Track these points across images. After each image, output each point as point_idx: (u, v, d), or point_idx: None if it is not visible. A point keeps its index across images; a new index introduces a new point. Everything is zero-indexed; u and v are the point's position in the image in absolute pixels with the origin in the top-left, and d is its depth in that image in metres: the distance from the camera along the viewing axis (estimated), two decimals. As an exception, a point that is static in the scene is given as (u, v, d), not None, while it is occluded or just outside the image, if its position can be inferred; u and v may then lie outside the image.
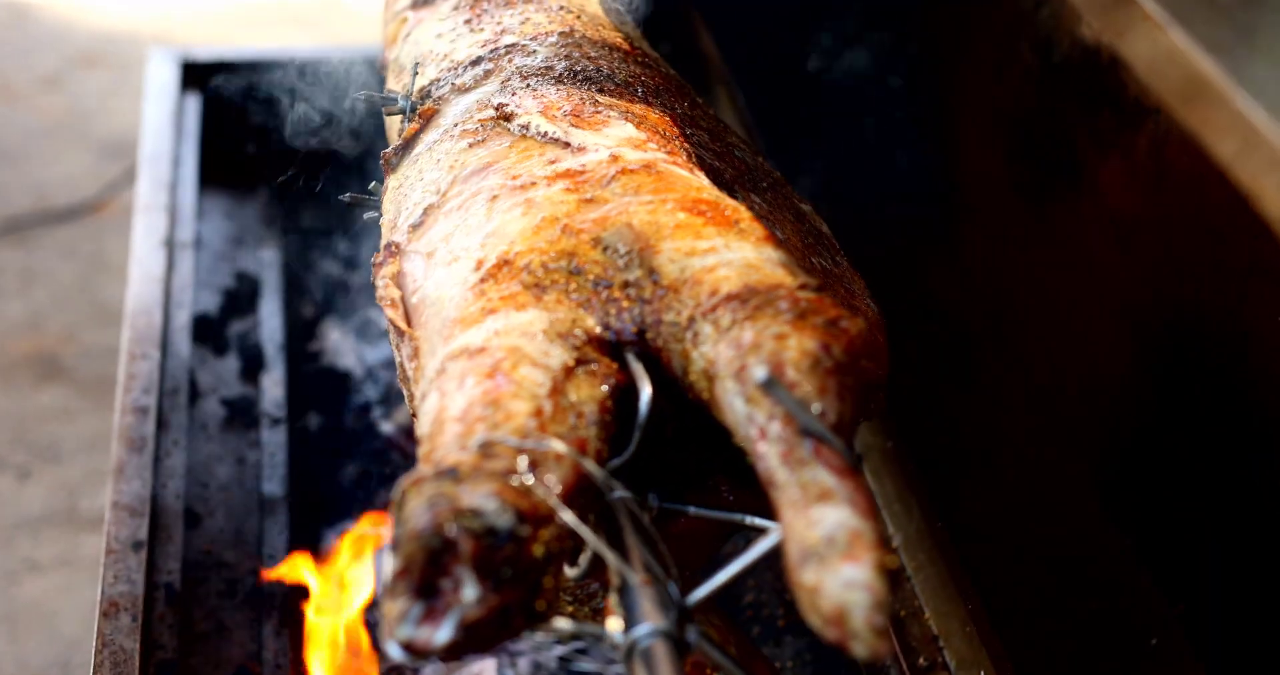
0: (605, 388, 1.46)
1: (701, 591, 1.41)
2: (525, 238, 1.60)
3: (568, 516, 1.35)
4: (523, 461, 1.37)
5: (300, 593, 2.43)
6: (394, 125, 2.11)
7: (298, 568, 2.41)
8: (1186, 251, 2.13)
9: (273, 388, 2.76)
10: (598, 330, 1.52)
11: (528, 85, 1.89)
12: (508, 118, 1.83)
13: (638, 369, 1.51)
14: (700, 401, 1.49)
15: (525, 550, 1.31)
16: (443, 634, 1.28)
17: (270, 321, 2.91)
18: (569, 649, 2.47)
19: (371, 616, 2.44)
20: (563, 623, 1.38)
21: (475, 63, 1.98)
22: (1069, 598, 2.35)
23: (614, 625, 1.37)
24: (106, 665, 2.07)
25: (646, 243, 1.57)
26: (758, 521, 1.52)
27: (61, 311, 4.48)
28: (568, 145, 1.75)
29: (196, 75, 3.32)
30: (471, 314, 1.54)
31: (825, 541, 1.24)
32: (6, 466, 3.94)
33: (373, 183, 2.00)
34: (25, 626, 3.50)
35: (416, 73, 2.04)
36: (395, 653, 1.31)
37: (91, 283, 4.58)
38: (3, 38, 5.80)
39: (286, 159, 3.36)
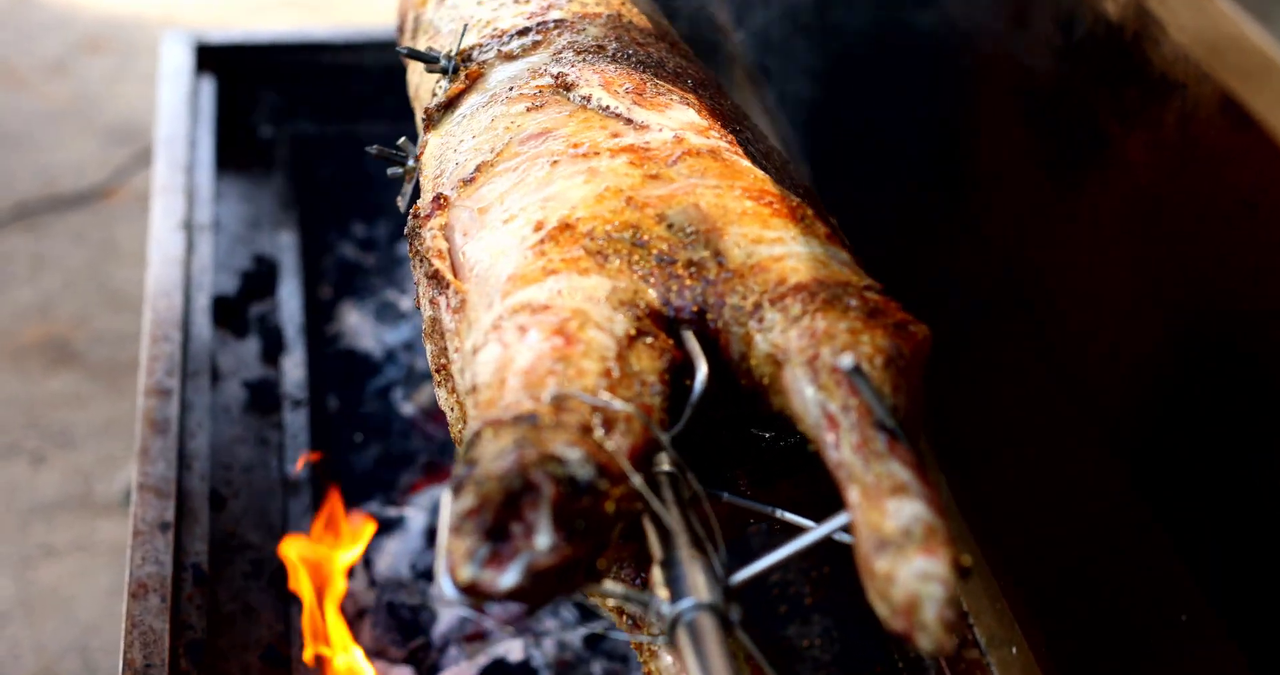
0: (663, 361, 1.46)
1: (747, 572, 1.41)
2: (588, 205, 1.60)
3: (636, 479, 1.35)
4: (597, 419, 1.37)
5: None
6: (424, 84, 2.10)
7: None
8: (1215, 227, 2.12)
9: (293, 370, 2.75)
10: (658, 304, 1.52)
11: (583, 60, 1.89)
12: (568, 87, 1.83)
13: (694, 347, 1.51)
14: (756, 387, 1.49)
15: (600, 505, 1.31)
16: (508, 578, 1.27)
17: (289, 304, 2.90)
18: (593, 628, 2.47)
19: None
20: (613, 586, 1.38)
21: (522, 33, 1.98)
22: (1097, 575, 2.34)
23: (662, 594, 1.37)
24: (136, 646, 2.06)
25: (713, 225, 1.57)
26: (789, 517, 1.54)
27: (72, 297, 4.47)
28: (630, 121, 1.75)
29: (210, 58, 3.31)
30: (532, 272, 1.54)
31: (901, 532, 1.25)
32: (20, 452, 3.94)
33: (401, 138, 1.99)
34: (42, 611, 3.50)
35: (464, 33, 2.03)
36: (451, 593, 1.29)
37: (101, 268, 4.57)
38: (7, 23, 5.78)
39: (301, 141, 3.36)
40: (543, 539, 1.27)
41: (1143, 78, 2.25)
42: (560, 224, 1.58)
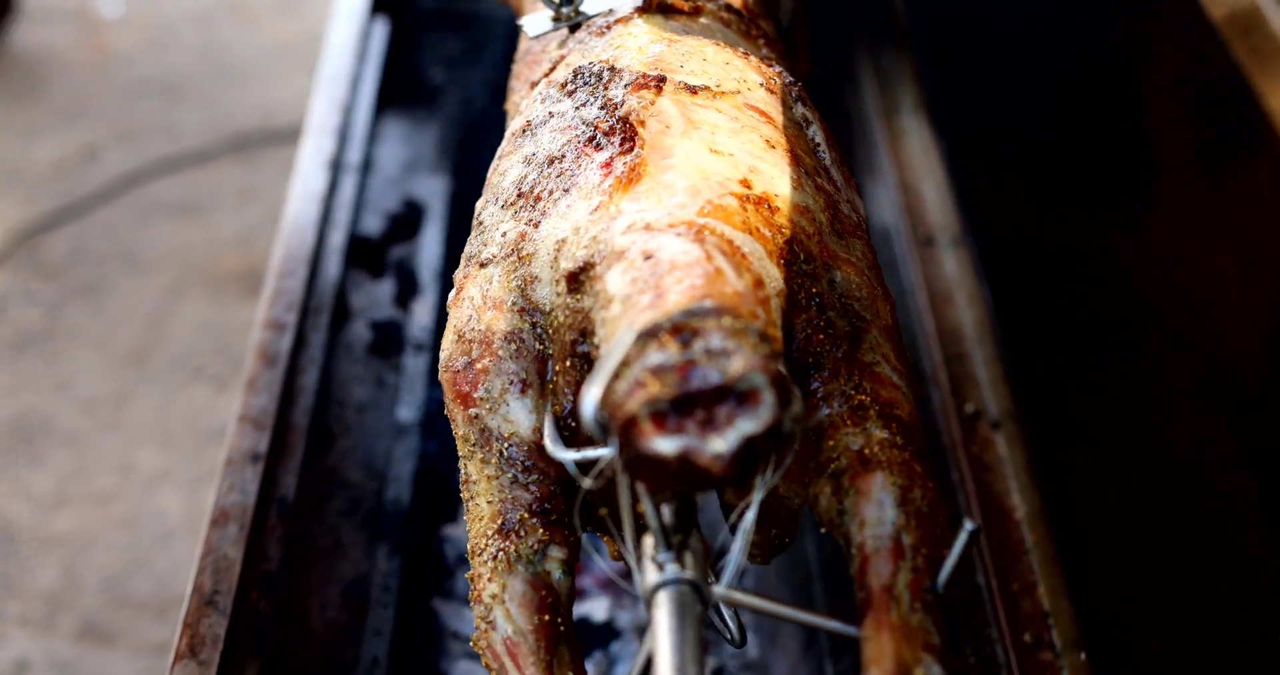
0: None
1: (741, 596, 1.42)
2: (788, 204, 1.58)
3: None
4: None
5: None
6: None
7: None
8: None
9: (423, 314, 2.77)
10: (792, 334, 1.52)
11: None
12: (797, 99, 1.81)
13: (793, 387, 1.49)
14: (809, 463, 1.50)
15: (764, 457, 1.29)
16: (664, 445, 1.25)
17: (430, 249, 2.92)
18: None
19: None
20: (656, 521, 1.37)
21: (737, 14, 1.96)
22: (1206, 580, 2.24)
23: (663, 558, 1.37)
24: (208, 572, 2.09)
25: (864, 312, 1.57)
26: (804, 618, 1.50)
27: (272, 230, 4.58)
28: (828, 173, 1.73)
29: (387, 1, 3.34)
30: (733, 216, 1.52)
31: None
32: (205, 376, 4.08)
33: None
34: (204, 531, 3.61)
35: None
36: (590, 411, 1.27)
37: (305, 204, 4.68)
38: (250, -39, 5.96)
39: (468, 88, 3.37)
40: (720, 444, 1.25)
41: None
42: (764, 197, 1.57)
